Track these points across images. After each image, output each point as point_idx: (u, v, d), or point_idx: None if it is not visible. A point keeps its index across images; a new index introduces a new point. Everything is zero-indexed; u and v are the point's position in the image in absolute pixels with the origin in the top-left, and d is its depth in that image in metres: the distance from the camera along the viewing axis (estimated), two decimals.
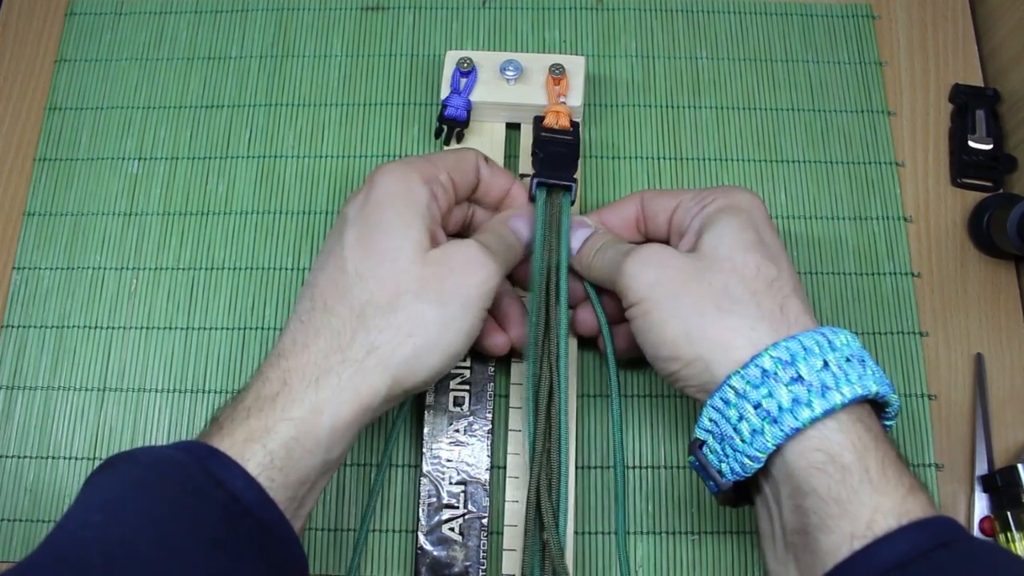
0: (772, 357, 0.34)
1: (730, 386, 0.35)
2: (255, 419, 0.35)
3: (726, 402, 0.35)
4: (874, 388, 0.34)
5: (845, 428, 0.33)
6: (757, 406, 0.34)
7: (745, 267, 0.37)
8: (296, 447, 0.34)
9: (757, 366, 0.34)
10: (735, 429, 0.35)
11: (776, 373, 0.34)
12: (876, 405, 0.36)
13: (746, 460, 0.34)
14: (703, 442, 0.37)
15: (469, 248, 0.39)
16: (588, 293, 0.44)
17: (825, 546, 0.32)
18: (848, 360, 0.35)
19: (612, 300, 0.45)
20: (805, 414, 0.33)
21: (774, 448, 0.34)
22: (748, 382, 0.34)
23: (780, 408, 0.33)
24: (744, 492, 0.38)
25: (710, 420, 0.36)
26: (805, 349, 0.34)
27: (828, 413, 0.33)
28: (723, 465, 0.36)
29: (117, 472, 0.33)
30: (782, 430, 0.33)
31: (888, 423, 0.36)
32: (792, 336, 0.35)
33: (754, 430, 0.34)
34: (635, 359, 0.47)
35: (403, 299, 0.37)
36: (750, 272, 0.37)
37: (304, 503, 0.36)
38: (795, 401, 0.33)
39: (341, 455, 0.37)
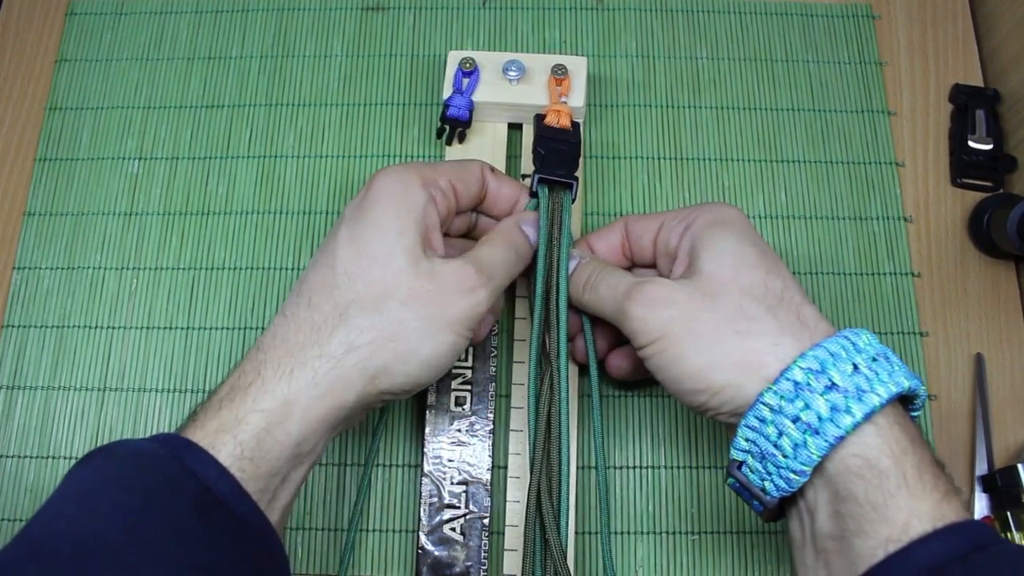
0: (802, 368, 0.34)
1: (763, 403, 0.34)
2: (227, 410, 0.35)
3: (762, 420, 0.35)
4: (906, 383, 0.34)
5: (882, 432, 0.33)
6: (796, 420, 0.33)
7: (753, 285, 0.37)
8: (267, 438, 0.34)
9: (788, 379, 0.34)
10: (776, 446, 0.34)
11: (809, 383, 0.34)
12: (903, 398, 0.35)
13: (791, 475, 0.34)
14: (741, 462, 0.36)
15: (464, 271, 0.38)
16: (584, 326, 0.44)
17: (860, 550, 0.32)
18: (875, 359, 0.34)
19: (609, 324, 0.44)
20: (847, 421, 0.33)
21: (819, 459, 0.33)
22: (782, 397, 0.34)
23: (820, 418, 0.33)
24: (782, 504, 0.37)
25: (746, 440, 0.35)
26: (832, 355, 0.34)
27: (868, 417, 0.33)
28: (766, 483, 0.35)
29: (92, 465, 0.33)
30: (826, 440, 0.33)
31: (915, 413, 0.36)
32: (817, 344, 0.35)
33: (796, 444, 0.33)
34: (639, 381, 0.48)
35: (389, 303, 0.37)
36: (759, 289, 0.37)
37: (277, 496, 0.35)
38: (834, 409, 0.33)
39: (314, 451, 0.37)
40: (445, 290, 0.38)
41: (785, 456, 0.34)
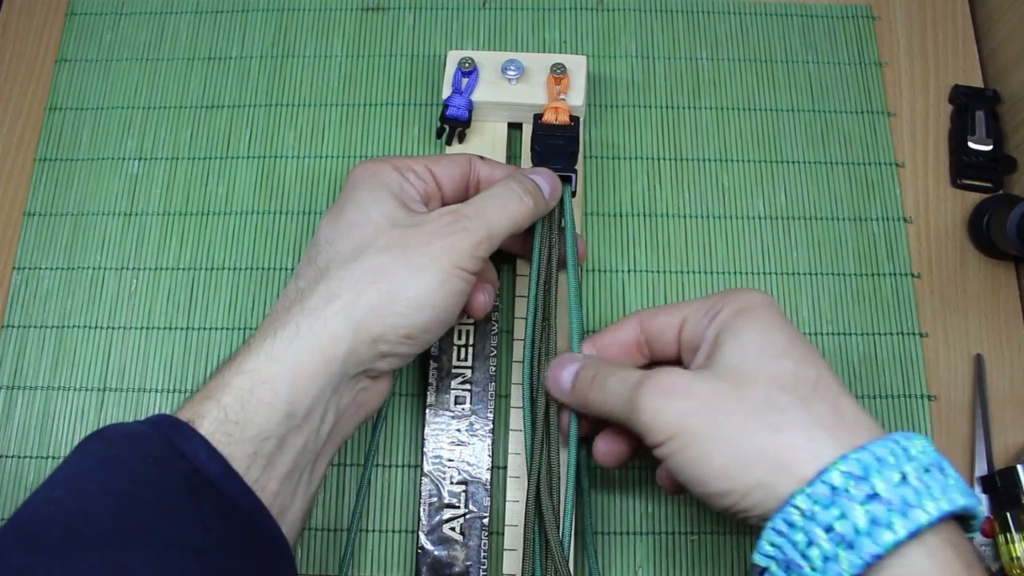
0: (842, 472, 0.30)
1: (794, 506, 0.31)
2: (214, 380, 0.35)
3: (791, 525, 0.31)
4: (961, 501, 0.30)
5: (933, 553, 0.29)
6: (829, 529, 0.30)
7: (781, 375, 0.33)
8: (251, 399, 0.34)
9: (825, 483, 0.30)
10: (803, 556, 0.30)
11: (848, 490, 0.30)
12: (957, 517, 0.32)
13: None
14: (764, 569, 0.32)
15: (444, 218, 0.39)
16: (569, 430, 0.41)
17: None
18: (927, 470, 0.31)
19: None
20: (887, 538, 0.29)
21: None
22: (816, 501, 0.30)
23: (857, 531, 0.29)
24: None
25: (772, 545, 0.31)
26: (878, 460, 0.30)
27: (913, 535, 0.29)
28: None
29: (83, 449, 0.33)
30: (861, 557, 0.29)
31: (971, 535, 0.32)
32: (861, 446, 0.31)
33: (827, 557, 0.30)
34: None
35: (367, 251, 0.37)
36: (788, 380, 0.33)
37: (273, 462, 0.34)
38: (873, 522, 0.29)
39: (313, 414, 0.36)
40: (424, 232, 0.38)
41: (813, 568, 0.30)
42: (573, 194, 0.45)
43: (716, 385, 0.34)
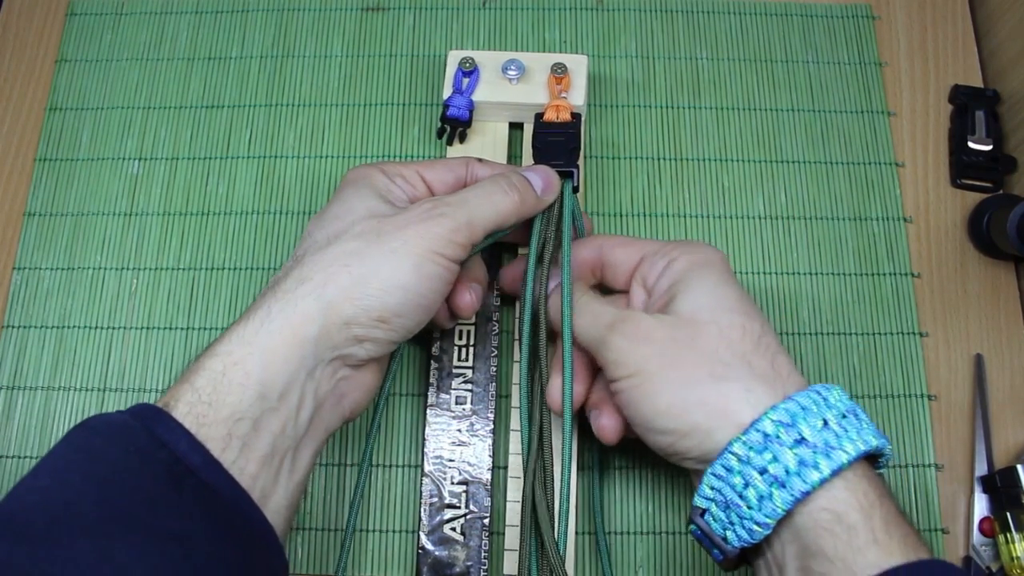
0: (773, 420, 0.34)
1: (731, 453, 0.34)
2: (191, 366, 0.36)
3: (728, 469, 0.34)
4: (874, 442, 0.34)
5: (851, 486, 0.33)
6: (763, 471, 0.33)
7: (731, 328, 0.37)
8: (222, 380, 0.34)
9: (758, 430, 0.34)
10: (740, 496, 0.34)
11: (779, 436, 0.34)
12: (869, 456, 0.35)
13: (754, 527, 0.34)
14: (704, 510, 0.36)
15: (420, 205, 0.39)
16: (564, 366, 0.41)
17: None
18: (845, 416, 0.35)
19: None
20: (814, 476, 0.33)
21: (784, 513, 0.33)
22: (751, 448, 0.34)
23: (788, 472, 0.33)
24: (745, 555, 0.37)
25: (711, 488, 0.35)
26: (803, 409, 0.34)
27: (836, 472, 0.33)
28: (728, 533, 0.35)
29: (67, 440, 0.34)
30: (792, 494, 0.33)
31: (880, 471, 0.36)
32: (789, 397, 0.35)
33: (761, 496, 0.33)
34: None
35: (341, 238, 0.38)
36: (736, 333, 0.37)
37: (251, 445, 0.34)
38: (802, 464, 0.33)
39: (288, 397, 0.36)
40: (400, 220, 0.39)
41: (749, 507, 0.34)
42: (575, 189, 0.45)
43: (673, 332, 0.37)
